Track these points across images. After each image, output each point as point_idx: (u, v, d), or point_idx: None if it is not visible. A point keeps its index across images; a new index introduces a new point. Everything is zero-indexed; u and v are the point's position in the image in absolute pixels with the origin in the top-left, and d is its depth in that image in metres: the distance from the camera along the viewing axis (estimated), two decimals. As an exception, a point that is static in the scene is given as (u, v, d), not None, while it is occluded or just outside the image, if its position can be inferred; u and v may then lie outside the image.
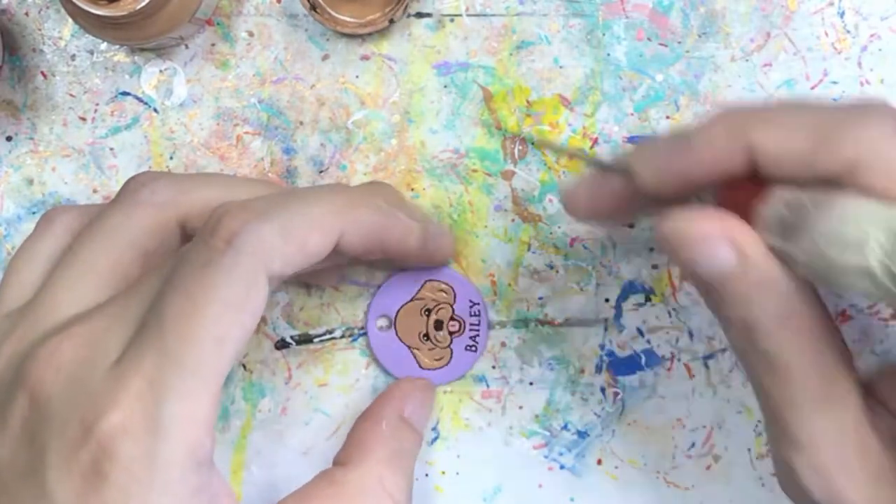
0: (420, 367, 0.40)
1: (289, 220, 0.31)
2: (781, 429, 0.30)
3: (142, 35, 0.37)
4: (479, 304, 0.40)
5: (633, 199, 0.33)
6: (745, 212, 0.30)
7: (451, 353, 0.40)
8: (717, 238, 0.29)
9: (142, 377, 0.29)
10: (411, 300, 0.40)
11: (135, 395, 0.29)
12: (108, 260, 0.33)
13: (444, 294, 0.40)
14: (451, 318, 0.40)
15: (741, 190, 0.31)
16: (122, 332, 0.30)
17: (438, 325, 0.40)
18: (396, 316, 0.40)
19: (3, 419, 0.30)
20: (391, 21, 0.39)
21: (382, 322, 0.40)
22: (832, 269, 0.28)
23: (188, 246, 0.31)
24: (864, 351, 0.40)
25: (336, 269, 0.39)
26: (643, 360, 0.40)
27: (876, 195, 0.28)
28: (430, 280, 0.40)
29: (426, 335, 0.40)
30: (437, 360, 0.40)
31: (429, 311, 0.40)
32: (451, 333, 0.40)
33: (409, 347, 0.40)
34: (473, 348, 0.40)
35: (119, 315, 0.31)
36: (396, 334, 0.40)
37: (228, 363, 0.30)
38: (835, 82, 0.40)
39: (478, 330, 0.40)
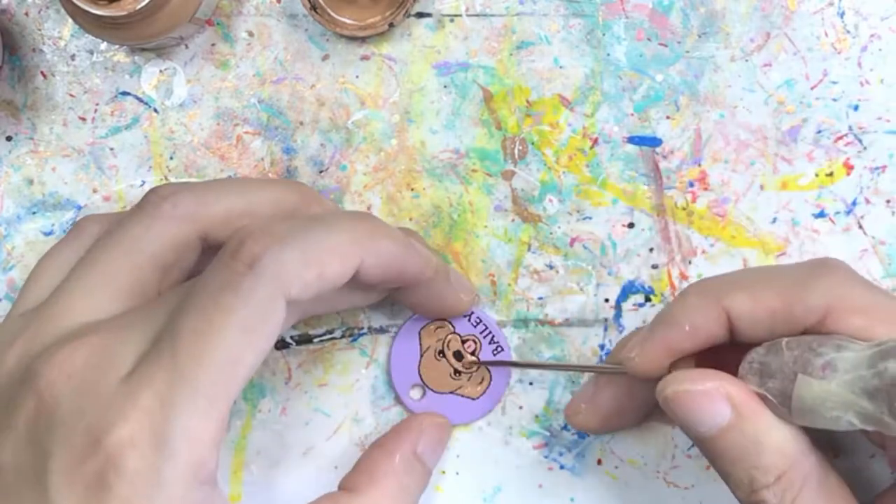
0: (467, 397, 0.40)
1: (310, 246, 0.31)
2: None
3: (142, 35, 0.37)
4: (504, 349, 0.40)
5: (633, 395, 0.38)
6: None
7: (490, 374, 0.40)
8: (714, 395, 0.32)
9: (153, 393, 0.29)
10: (422, 353, 0.40)
11: (144, 410, 0.29)
12: (127, 271, 0.33)
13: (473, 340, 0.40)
14: (463, 343, 0.40)
15: (718, 356, 0.34)
16: (137, 345, 0.30)
17: (458, 356, 0.40)
18: (420, 373, 0.40)
19: (8, 419, 0.30)
20: (391, 25, 0.39)
21: (415, 393, 0.40)
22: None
23: (209, 267, 0.31)
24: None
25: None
26: (643, 360, 0.40)
27: (851, 334, 0.31)
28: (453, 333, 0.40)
29: (456, 371, 0.40)
30: (478, 384, 0.40)
31: (442, 352, 0.40)
32: (472, 353, 0.40)
33: (452, 393, 0.40)
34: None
35: (135, 328, 0.31)
36: (431, 391, 0.40)
37: (240, 385, 0.30)
38: (835, 82, 0.40)
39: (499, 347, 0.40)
